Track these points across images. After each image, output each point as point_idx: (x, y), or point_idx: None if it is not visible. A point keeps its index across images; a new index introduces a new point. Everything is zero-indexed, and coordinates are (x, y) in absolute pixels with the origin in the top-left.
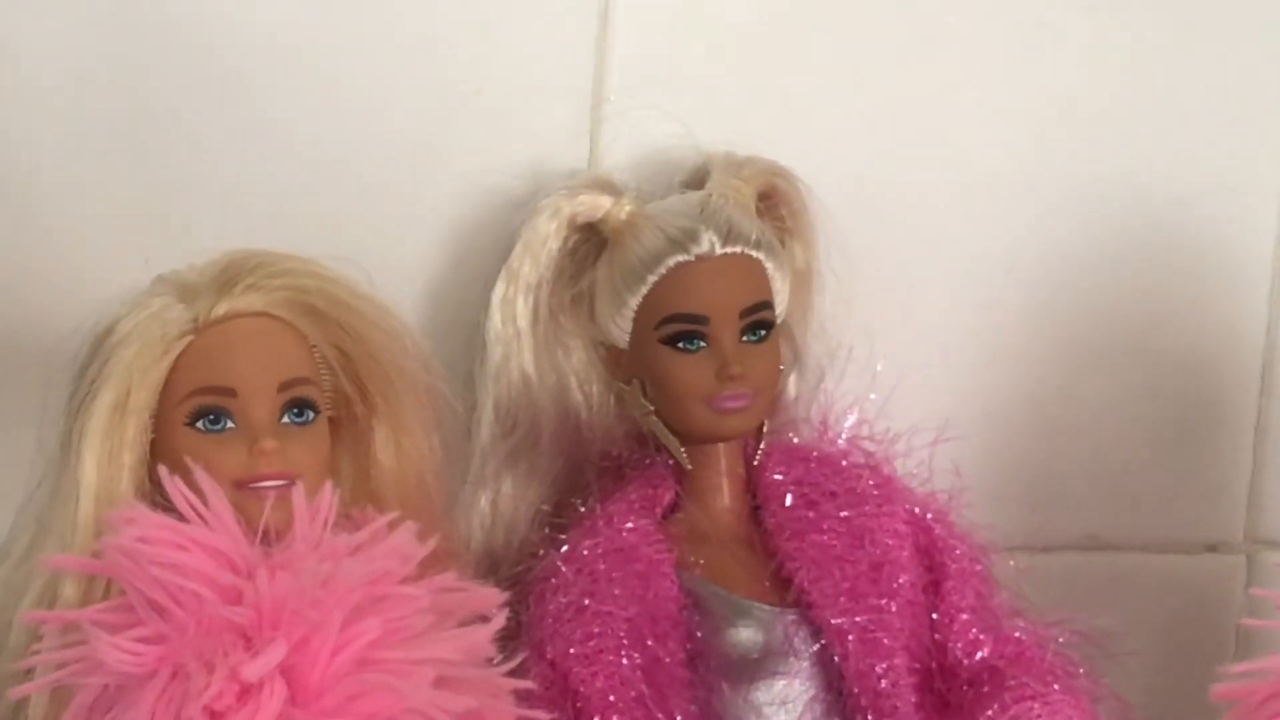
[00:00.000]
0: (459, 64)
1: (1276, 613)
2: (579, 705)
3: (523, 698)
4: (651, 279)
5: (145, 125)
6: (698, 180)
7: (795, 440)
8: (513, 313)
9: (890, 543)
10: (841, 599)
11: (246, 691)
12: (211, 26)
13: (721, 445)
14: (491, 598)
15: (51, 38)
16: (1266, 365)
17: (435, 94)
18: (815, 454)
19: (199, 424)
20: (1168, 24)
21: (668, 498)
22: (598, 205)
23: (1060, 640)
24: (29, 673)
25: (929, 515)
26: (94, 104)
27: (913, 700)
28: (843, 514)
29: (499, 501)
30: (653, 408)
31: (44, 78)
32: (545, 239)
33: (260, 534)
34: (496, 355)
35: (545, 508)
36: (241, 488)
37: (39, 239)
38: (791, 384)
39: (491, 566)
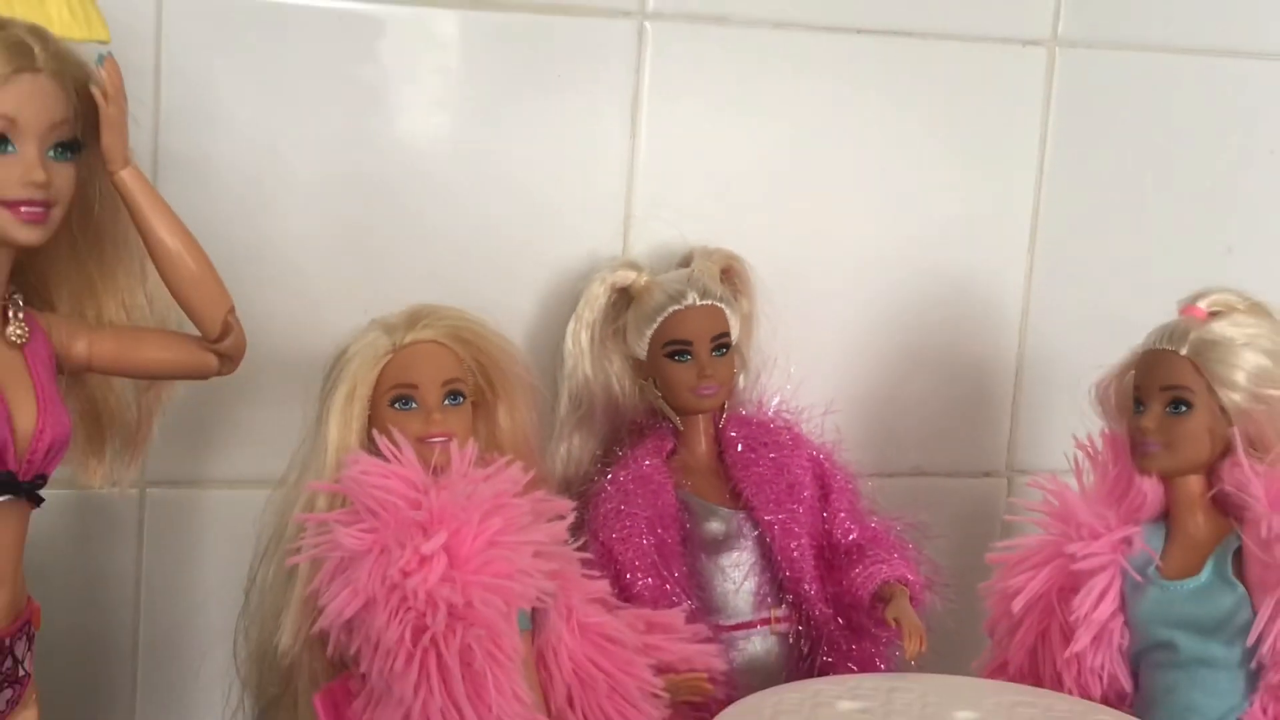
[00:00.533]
0: (546, 193)
1: (1024, 513)
2: (617, 568)
3: (584, 564)
4: (659, 319)
5: (368, 217)
6: (685, 261)
7: (743, 412)
8: (578, 339)
9: (798, 472)
10: (770, 504)
11: (424, 560)
12: (410, 155)
13: (701, 416)
14: (565, 506)
15: (310, 151)
16: (1020, 358)
17: (534, 211)
18: (754, 420)
19: (396, 405)
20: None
21: (670, 446)
22: (628, 277)
23: (898, 529)
24: (298, 550)
25: (821, 455)
26: (336, 200)
27: (812, 564)
28: (771, 455)
29: (570, 450)
30: (660, 394)
31: (303, 180)
32: (597, 296)
33: (432, 469)
34: (569, 364)
35: (598, 453)
36: (421, 442)
37: (301, 295)
38: (741, 380)
39: (565, 487)
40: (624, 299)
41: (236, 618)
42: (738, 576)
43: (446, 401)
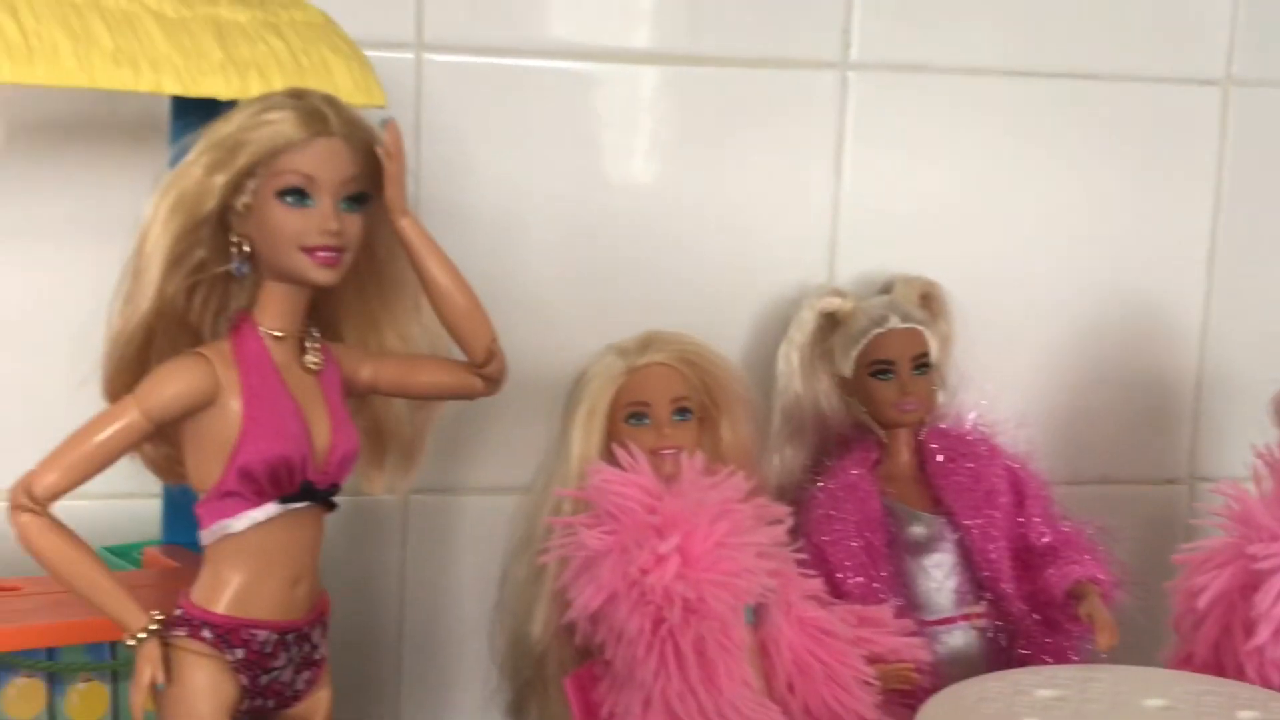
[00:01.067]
0: (759, 230)
1: (1207, 517)
2: (829, 568)
3: (800, 564)
4: (864, 341)
5: (602, 255)
6: (887, 288)
7: (942, 425)
8: (789, 360)
9: (995, 480)
10: (969, 510)
11: (660, 559)
12: (638, 198)
13: (903, 430)
14: (783, 511)
15: (550, 197)
16: (1199, 373)
17: (748, 246)
18: (953, 432)
19: (630, 420)
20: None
21: (874, 457)
22: (834, 303)
23: (1088, 532)
24: (548, 550)
25: (1015, 465)
26: (574, 240)
27: (1009, 564)
28: (969, 465)
29: (783, 460)
30: (865, 409)
31: (545, 223)
32: (807, 321)
33: (664, 478)
34: (781, 383)
35: (808, 463)
36: (654, 454)
37: (544, 324)
38: (940, 396)
39: (780, 495)
40: (831, 323)
41: (491, 611)
42: (939, 576)
43: (675, 417)
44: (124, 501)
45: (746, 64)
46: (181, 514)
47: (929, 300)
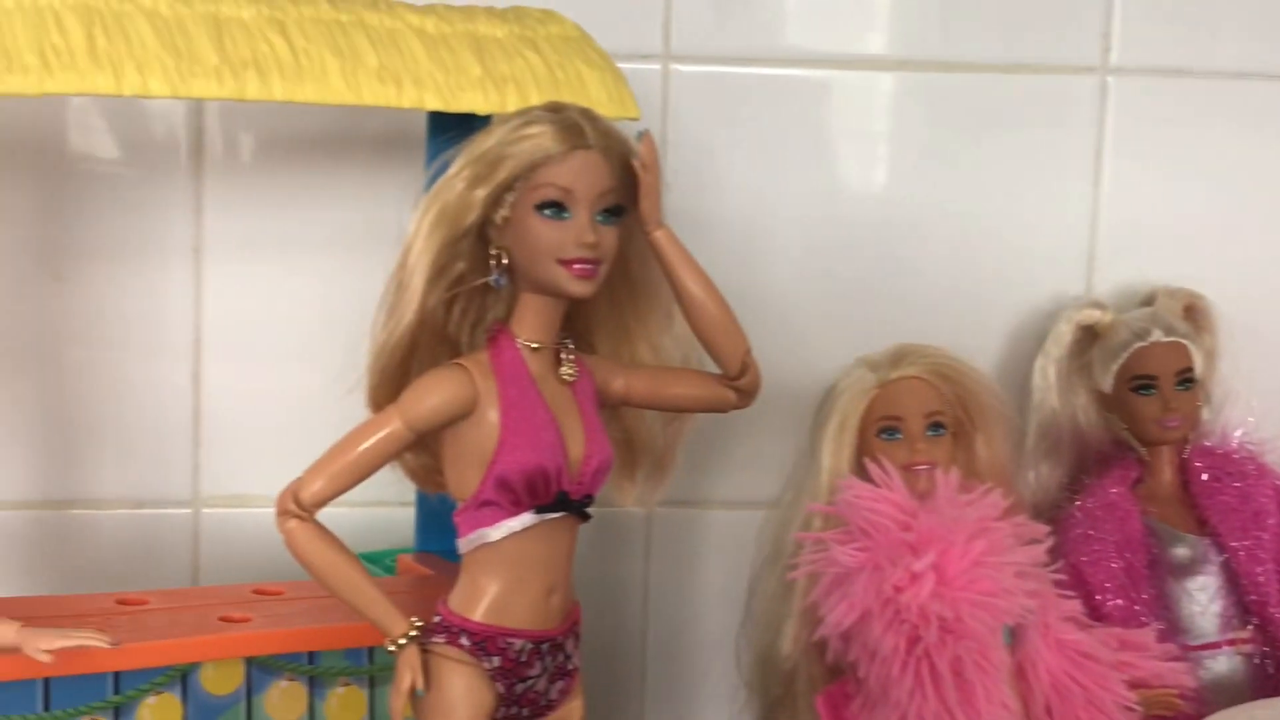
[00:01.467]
0: (1012, 239)
1: None
2: (1087, 589)
3: (1057, 585)
4: (1125, 355)
5: (848, 264)
6: (1148, 300)
7: (1207, 443)
8: (1046, 375)
9: (1263, 500)
10: (1236, 531)
11: (915, 577)
12: (885, 206)
13: (1165, 447)
14: (1042, 530)
15: (795, 205)
16: None
17: (1001, 255)
18: (1219, 451)
19: (882, 435)
20: None
21: (1135, 475)
22: (1093, 315)
23: None
24: (798, 566)
25: None
26: (819, 249)
27: (1277, 588)
28: (1236, 484)
29: (1039, 477)
30: (1125, 426)
31: (790, 232)
32: (1064, 334)
33: (917, 494)
34: (1037, 398)
35: (1064, 480)
36: (906, 469)
37: (790, 335)
38: (1204, 412)
39: (1037, 514)
40: (1089, 336)
41: (738, 626)
42: (1204, 599)
43: (929, 432)
44: (378, 509)
45: (1001, 69)
46: (435, 522)
47: (1193, 313)
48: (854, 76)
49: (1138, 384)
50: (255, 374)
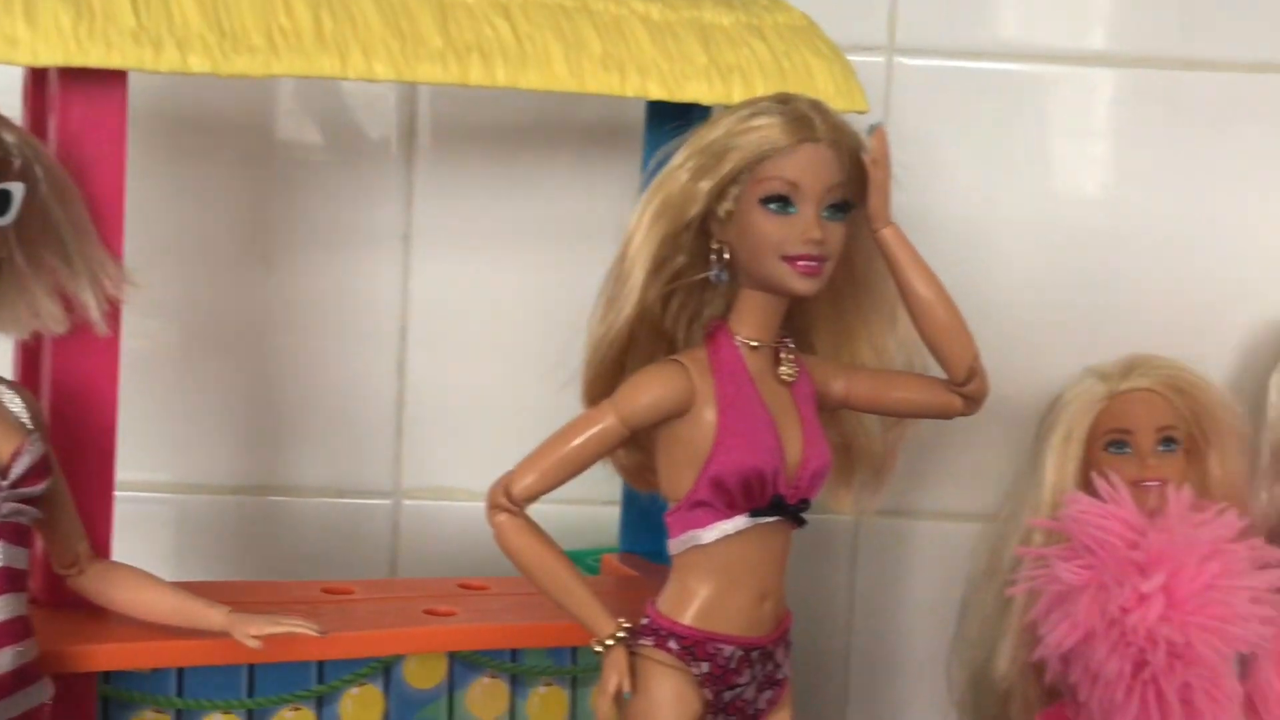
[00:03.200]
0: (1245, 248)
1: None
2: None
3: None
4: None
5: (1077, 269)
6: None
7: None
8: None
9: None
10: None
11: (1142, 599)
12: (1116, 210)
13: None
14: (1278, 555)
15: (1022, 205)
16: None
17: (1235, 264)
18: None
19: (1110, 449)
20: None
21: None
22: None
23: None
24: (1017, 582)
25: None
26: (1046, 252)
27: None
28: None
29: (1273, 498)
30: None
31: (1017, 233)
32: None
33: (1147, 512)
34: (1273, 414)
35: None
36: (1135, 485)
37: (1014, 340)
38: None
39: (1270, 537)
40: None
41: (950, 642)
42: None
43: (1160, 447)
44: (583, 507)
45: (1246, 68)
46: (642, 522)
47: None
48: (1080, 72)
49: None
50: (460, 366)
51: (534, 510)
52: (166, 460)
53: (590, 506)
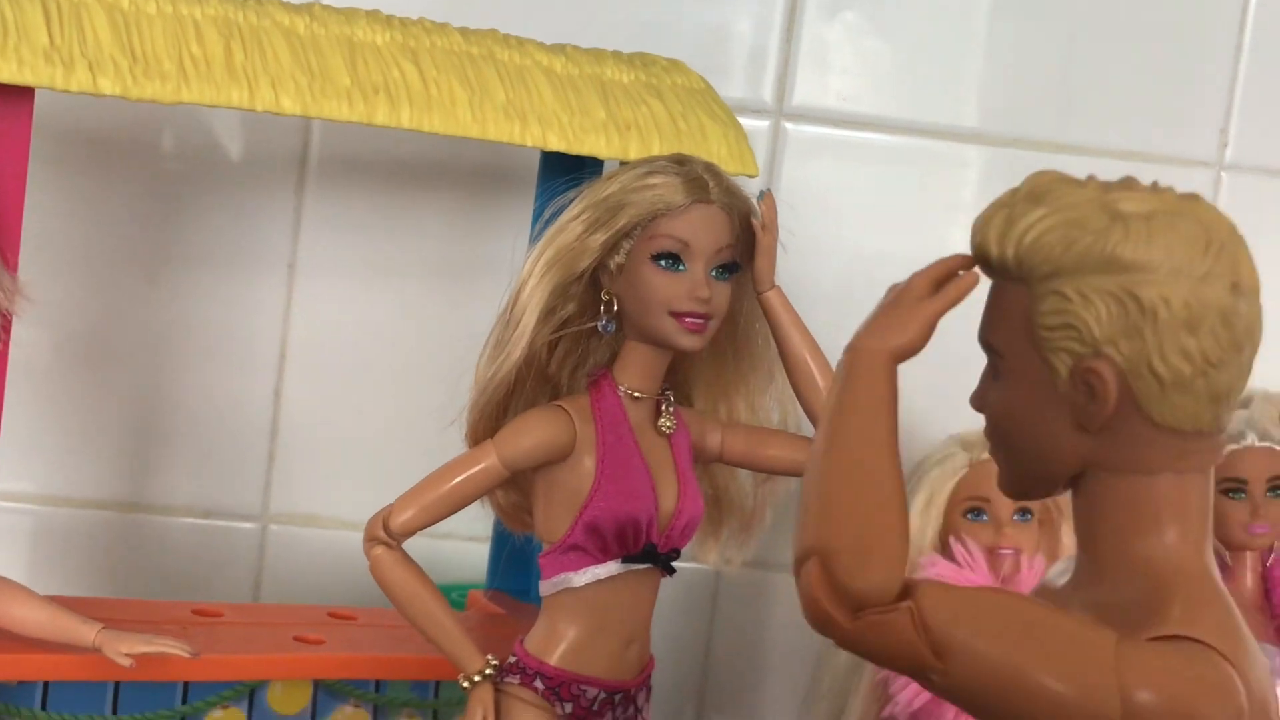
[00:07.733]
0: None
1: None
2: None
3: None
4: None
5: (949, 347)
6: (1245, 403)
7: None
8: None
9: None
10: None
11: None
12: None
13: (1249, 554)
14: None
15: (889, 279)
16: None
17: None
18: None
19: (968, 516)
20: None
21: None
22: None
23: None
24: None
25: None
26: None
27: None
28: None
29: None
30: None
31: None
32: None
33: (1001, 579)
34: None
35: None
36: (991, 552)
37: (901, 414)
38: None
39: None
40: None
41: (802, 697)
42: None
43: (1016, 517)
44: (448, 542)
45: (1117, 155)
46: (510, 561)
47: None
48: (955, 149)
49: (1226, 486)
50: (336, 396)
51: (405, 543)
52: (31, 470)
53: (460, 542)
